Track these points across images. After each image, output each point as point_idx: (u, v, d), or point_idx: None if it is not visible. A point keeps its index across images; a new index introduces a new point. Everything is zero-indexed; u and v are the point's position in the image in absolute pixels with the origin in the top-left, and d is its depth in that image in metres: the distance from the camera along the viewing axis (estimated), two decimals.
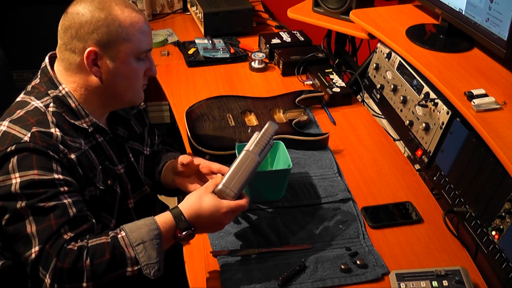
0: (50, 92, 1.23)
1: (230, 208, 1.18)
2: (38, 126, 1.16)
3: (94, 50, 1.18)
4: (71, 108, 1.23)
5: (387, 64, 1.84)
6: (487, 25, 1.50)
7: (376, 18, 1.96)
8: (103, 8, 1.18)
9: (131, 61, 1.23)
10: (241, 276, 1.23)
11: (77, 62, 1.21)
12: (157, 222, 1.15)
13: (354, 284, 1.23)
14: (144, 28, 1.23)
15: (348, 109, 1.88)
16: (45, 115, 1.19)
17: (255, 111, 1.76)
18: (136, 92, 1.30)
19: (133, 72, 1.25)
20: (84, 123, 1.24)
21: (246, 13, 2.38)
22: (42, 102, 1.21)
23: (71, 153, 1.19)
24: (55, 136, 1.17)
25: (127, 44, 1.20)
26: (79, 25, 1.18)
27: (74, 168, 1.19)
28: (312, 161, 1.60)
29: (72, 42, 1.19)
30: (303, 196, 1.47)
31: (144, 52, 1.25)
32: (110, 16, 1.18)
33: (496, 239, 1.25)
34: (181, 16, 2.64)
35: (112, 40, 1.19)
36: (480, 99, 1.41)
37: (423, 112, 1.61)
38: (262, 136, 1.26)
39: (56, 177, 1.13)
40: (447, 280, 1.20)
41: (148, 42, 1.25)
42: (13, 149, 1.12)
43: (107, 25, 1.18)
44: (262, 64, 2.11)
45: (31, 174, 1.11)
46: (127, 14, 1.20)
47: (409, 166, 1.61)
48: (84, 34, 1.18)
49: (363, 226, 1.38)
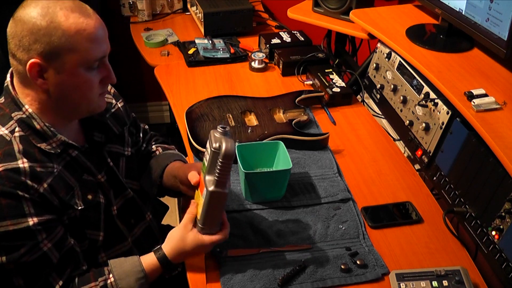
0: (14, 114, 1.14)
1: (212, 242, 1.20)
2: (4, 162, 1.08)
3: (37, 62, 1.07)
4: (36, 130, 1.14)
5: (387, 64, 1.84)
6: (487, 25, 1.50)
7: (376, 18, 1.96)
8: (46, 15, 1.06)
9: (80, 71, 1.11)
10: (241, 276, 1.23)
11: (24, 73, 1.10)
12: (144, 269, 1.18)
13: (354, 284, 1.23)
14: (94, 34, 1.10)
15: (348, 109, 1.88)
16: (10, 144, 1.11)
17: (255, 111, 1.76)
18: (92, 101, 1.18)
19: (84, 83, 1.13)
20: (53, 143, 1.16)
21: (246, 13, 2.38)
22: (7, 128, 1.13)
23: (42, 183, 1.12)
24: (22, 170, 1.09)
25: (72, 55, 1.08)
26: (21, 34, 1.07)
27: (47, 200, 1.12)
28: (312, 161, 1.60)
29: (18, 52, 1.09)
30: (303, 196, 1.47)
31: (95, 61, 1.13)
32: (52, 24, 1.06)
33: (496, 239, 1.25)
34: (181, 16, 2.64)
35: (56, 51, 1.07)
36: (480, 99, 1.41)
37: (423, 112, 1.61)
38: (223, 166, 1.13)
39: (30, 223, 1.08)
40: (447, 280, 1.20)
41: (100, 50, 1.13)
42: None
43: (49, 34, 1.06)
44: (262, 64, 2.11)
45: (4, 225, 1.06)
46: (72, 21, 1.07)
47: (409, 166, 1.61)
48: (27, 45, 1.07)
49: (363, 226, 1.38)
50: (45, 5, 1.07)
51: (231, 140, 1.13)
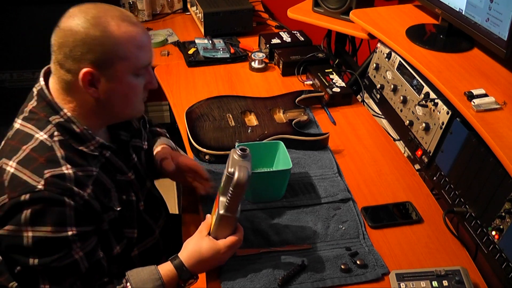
0: (52, 118, 1.14)
1: (227, 247, 1.20)
2: (49, 168, 1.09)
3: (89, 71, 1.10)
4: (75, 133, 1.15)
5: (387, 64, 1.84)
6: (487, 25, 1.50)
7: (376, 18, 1.96)
8: (98, 25, 1.08)
9: (129, 78, 1.15)
10: (241, 276, 1.23)
11: (72, 82, 1.12)
12: (162, 277, 1.18)
13: (354, 284, 1.23)
14: (142, 42, 1.14)
15: (348, 109, 1.88)
16: (52, 150, 1.12)
17: (255, 111, 1.76)
18: (136, 107, 1.23)
19: (132, 89, 1.17)
20: (91, 146, 1.18)
21: (246, 13, 2.38)
22: (45, 133, 1.13)
23: (86, 189, 1.13)
24: (68, 176, 1.10)
25: (124, 62, 1.12)
26: (72, 44, 1.08)
27: (90, 206, 1.14)
28: (312, 161, 1.60)
29: (67, 61, 1.10)
30: (303, 196, 1.47)
31: (143, 68, 1.17)
32: (105, 34, 1.08)
33: (496, 239, 1.25)
34: (181, 16, 2.64)
35: (109, 60, 1.10)
36: (480, 99, 1.41)
37: (423, 112, 1.61)
38: (233, 194, 1.14)
39: (69, 233, 1.09)
40: (447, 280, 1.20)
41: (147, 57, 1.16)
42: (27, 198, 1.05)
43: (102, 43, 1.08)
44: (262, 64, 2.11)
45: (44, 231, 1.07)
46: (123, 30, 1.10)
47: (409, 166, 1.61)
48: (79, 54, 1.09)
49: (363, 226, 1.38)
50: (95, 15, 1.09)
51: (247, 166, 1.14)
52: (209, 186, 1.46)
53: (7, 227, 1.07)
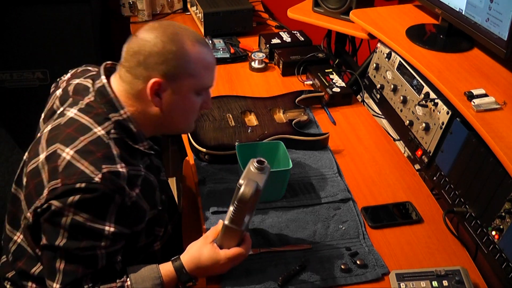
0: (112, 116, 1.19)
1: (228, 259, 1.19)
2: (106, 163, 1.13)
3: (159, 81, 1.16)
4: (132, 133, 1.21)
5: (387, 64, 1.84)
6: (487, 25, 1.50)
7: (376, 18, 1.96)
8: (176, 41, 1.17)
9: (191, 95, 1.22)
10: (241, 276, 1.23)
11: (139, 88, 1.18)
12: (161, 276, 1.18)
13: (354, 284, 1.23)
14: (212, 64, 1.24)
15: (348, 109, 1.88)
16: (109, 147, 1.16)
17: (255, 111, 1.76)
18: (189, 124, 1.30)
19: (191, 105, 1.25)
20: (142, 147, 1.23)
21: (246, 13, 2.38)
22: (103, 129, 1.17)
23: (135, 188, 1.18)
24: (122, 175, 1.14)
25: (192, 79, 1.20)
26: (148, 53, 1.15)
27: (138, 206, 1.19)
28: (312, 161, 1.60)
29: (138, 68, 1.17)
30: (303, 196, 1.47)
31: (205, 88, 1.25)
32: (181, 50, 1.17)
33: (496, 239, 1.25)
34: (181, 16, 2.64)
35: (179, 74, 1.18)
36: (480, 99, 1.41)
37: (423, 112, 1.61)
38: (237, 208, 1.13)
39: (106, 228, 1.13)
40: (447, 280, 1.20)
41: (211, 79, 1.25)
42: (83, 187, 1.09)
43: (177, 58, 1.16)
44: (262, 64, 2.11)
45: (85, 218, 1.11)
46: (197, 50, 1.19)
47: (409, 166, 1.61)
48: (152, 64, 1.16)
49: (363, 226, 1.38)
50: (174, 32, 1.18)
51: (259, 180, 1.13)
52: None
53: (54, 202, 1.10)
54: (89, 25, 2.48)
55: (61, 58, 2.51)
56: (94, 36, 2.50)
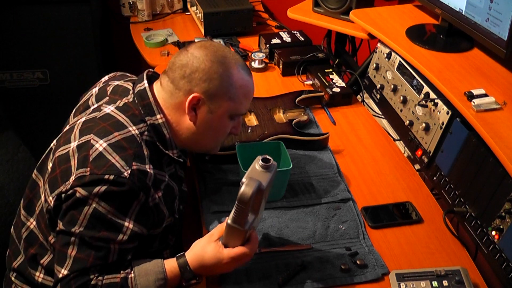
0: (148, 119, 1.23)
1: (231, 258, 1.18)
2: (136, 161, 1.16)
3: (199, 97, 1.21)
4: (164, 138, 1.25)
5: (387, 64, 1.84)
6: (487, 25, 1.50)
7: (376, 18, 1.96)
8: (223, 63, 1.22)
9: (225, 118, 1.27)
10: (241, 276, 1.23)
11: (178, 100, 1.23)
12: (165, 271, 1.18)
13: (354, 284, 1.23)
14: (251, 93, 1.29)
15: (348, 109, 1.88)
16: (141, 147, 1.19)
17: (255, 111, 1.76)
18: (216, 144, 1.35)
19: (223, 128, 1.29)
20: (172, 153, 1.27)
21: (246, 13, 2.38)
22: (138, 129, 1.21)
23: (158, 191, 1.20)
24: (149, 175, 1.17)
25: (230, 103, 1.25)
26: (195, 69, 1.21)
27: (158, 209, 1.21)
28: (312, 161, 1.60)
29: (181, 80, 1.22)
30: (303, 196, 1.47)
31: (240, 115, 1.31)
32: (227, 73, 1.22)
33: (496, 239, 1.25)
34: (181, 16, 2.64)
35: (219, 95, 1.23)
36: (480, 99, 1.41)
37: (423, 112, 1.61)
38: (237, 208, 1.10)
39: (126, 224, 1.15)
40: (447, 280, 1.20)
41: (247, 107, 1.31)
42: (111, 179, 1.11)
43: (221, 79, 1.21)
44: (262, 64, 2.11)
45: (107, 209, 1.12)
46: (241, 76, 1.25)
47: (409, 166, 1.61)
48: (196, 79, 1.21)
49: (363, 226, 1.38)
50: (223, 55, 1.24)
51: (262, 179, 1.10)
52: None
53: (79, 189, 1.12)
54: (89, 25, 2.48)
55: (61, 58, 2.51)
56: (94, 36, 2.50)
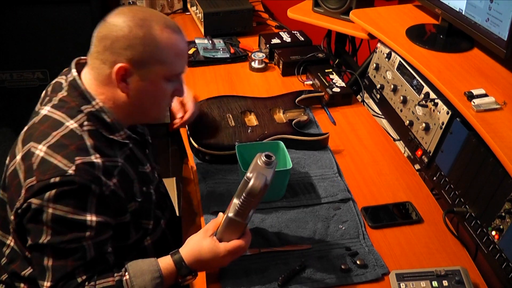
0: (84, 108, 1.18)
1: (228, 252, 1.18)
2: (80, 155, 1.13)
3: (125, 66, 1.15)
4: (107, 123, 1.20)
5: (387, 64, 1.84)
6: (487, 25, 1.50)
7: (376, 18, 1.96)
8: (143, 26, 1.14)
9: (160, 82, 1.20)
10: (241, 276, 1.23)
11: (106, 73, 1.17)
12: (160, 269, 1.17)
13: (354, 284, 1.23)
14: (181, 51, 1.21)
15: (348, 109, 1.88)
16: (82, 139, 1.16)
17: (255, 111, 1.76)
18: (161, 111, 1.29)
19: (161, 92, 1.22)
20: (120, 137, 1.22)
21: (246, 13, 2.38)
22: (76, 122, 1.17)
23: (112, 178, 1.17)
24: (96, 165, 1.14)
25: (160, 66, 1.18)
26: (115, 38, 1.14)
27: (116, 196, 1.18)
28: (312, 161, 1.60)
29: (105, 53, 1.16)
30: (303, 196, 1.47)
31: (175, 75, 1.23)
32: (148, 36, 1.14)
33: (496, 239, 1.25)
34: (181, 16, 2.64)
35: (146, 60, 1.16)
36: (480, 99, 1.41)
37: (423, 112, 1.61)
38: (245, 201, 1.12)
39: (88, 218, 1.12)
40: (447, 280, 1.20)
41: (182, 65, 1.23)
42: (57, 181, 1.09)
43: (144, 44, 1.14)
44: (262, 64, 2.11)
45: (65, 211, 1.10)
46: (166, 35, 1.16)
47: (409, 166, 1.61)
48: (118, 49, 1.14)
49: (363, 226, 1.38)
50: (142, 17, 1.15)
51: (267, 174, 1.12)
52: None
53: (32, 200, 1.10)
54: (89, 25, 2.47)
55: (61, 58, 2.49)
56: None
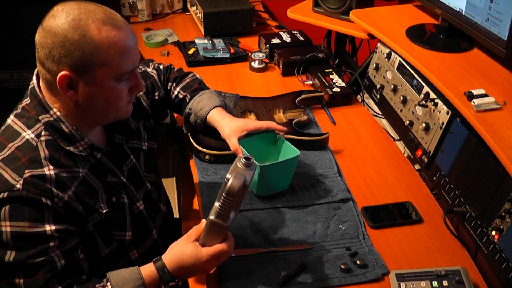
0: (42, 117, 1.14)
1: (210, 256, 1.16)
2: (30, 168, 1.09)
3: (67, 74, 1.07)
4: (64, 133, 1.15)
5: (387, 64, 1.84)
6: (487, 25, 1.50)
7: (376, 18, 1.96)
8: (78, 27, 1.05)
9: (110, 83, 1.11)
10: (241, 276, 1.23)
11: (53, 82, 1.10)
12: (143, 277, 1.15)
13: (354, 284, 1.23)
14: (125, 48, 1.09)
15: (348, 109, 1.88)
16: (37, 150, 1.11)
17: (255, 111, 1.76)
18: (120, 110, 1.19)
19: (113, 93, 1.13)
20: (80, 146, 1.17)
21: (246, 13, 2.38)
22: (33, 132, 1.13)
23: (67, 191, 1.12)
24: (48, 177, 1.10)
25: (104, 68, 1.08)
26: (51, 46, 1.06)
27: (71, 208, 1.13)
28: (312, 161, 1.60)
29: (47, 62, 1.08)
30: (303, 196, 1.47)
31: (125, 74, 1.13)
32: (84, 38, 1.05)
33: (496, 239, 1.25)
34: (181, 16, 2.64)
35: (87, 65, 1.07)
36: (480, 99, 1.41)
37: (423, 112, 1.61)
38: (224, 201, 1.11)
39: (47, 228, 1.09)
40: (447, 280, 1.20)
41: (130, 62, 1.12)
42: (5, 196, 1.06)
43: (81, 49, 1.05)
44: (262, 64, 2.11)
45: (22, 226, 1.07)
46: (104, 35, 1.06)
47: (409, 166, 1.61)
48: (57, 57, 1.06)
49: (363, 226, 1.38)
50: (77, 17, 1.06)
51: (246, 175, 1.11)
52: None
53: None
54: None
55: None
56: None
